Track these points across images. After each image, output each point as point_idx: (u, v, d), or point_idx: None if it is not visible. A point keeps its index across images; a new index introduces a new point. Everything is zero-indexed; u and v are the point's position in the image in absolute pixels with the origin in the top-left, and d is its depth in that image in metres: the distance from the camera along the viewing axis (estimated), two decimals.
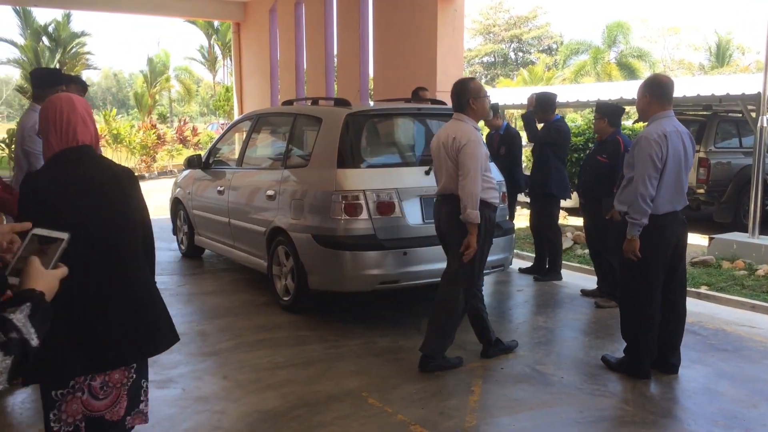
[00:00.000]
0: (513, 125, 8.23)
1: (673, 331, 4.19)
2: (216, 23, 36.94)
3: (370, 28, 9.64)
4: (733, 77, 20.12)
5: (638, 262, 4.00)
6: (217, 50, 41.64)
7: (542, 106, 6.45)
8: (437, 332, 4.24)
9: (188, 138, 23.05)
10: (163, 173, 19.85)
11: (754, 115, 10.23)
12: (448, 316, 4.24)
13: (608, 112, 5.76)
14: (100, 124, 21.20)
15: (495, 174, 5.65)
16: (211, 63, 44.22)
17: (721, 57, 38.79)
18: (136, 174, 2.87)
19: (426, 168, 5.22)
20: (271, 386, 4.02)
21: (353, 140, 5.17)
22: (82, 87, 5.08)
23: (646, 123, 4.19)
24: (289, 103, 6.53)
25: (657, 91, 4.04)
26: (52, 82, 4.43)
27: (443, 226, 4.32)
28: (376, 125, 5.64)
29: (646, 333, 4.09)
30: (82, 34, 38.78)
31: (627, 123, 12.76)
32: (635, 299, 4.13)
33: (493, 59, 49.97)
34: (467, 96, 4.20)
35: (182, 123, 25.42)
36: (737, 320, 5.50)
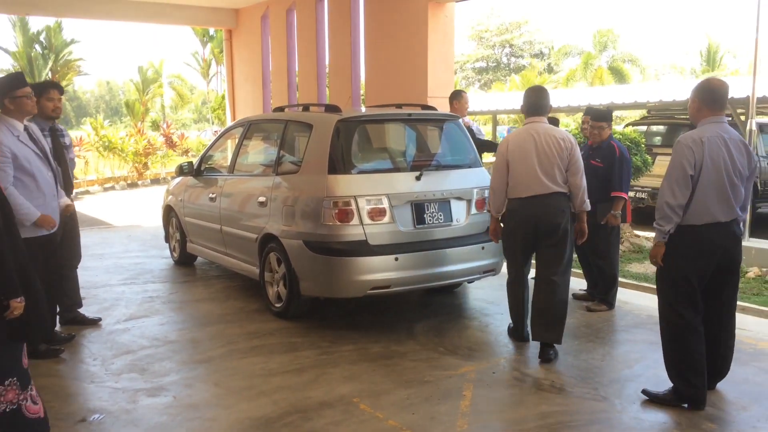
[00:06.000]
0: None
1: (719, 354, 3.96)
2: (212, 30, 36.91)
3: (362, 35, 9.67)
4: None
5: (669, 277, 3.82)
6: (210, 56, 41.63)
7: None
8: (563, 320, 4.63)
9: (176, 143, 22.87)
10: (156, 181, 19.80)
11: (743, 118, 10.31)
12: (566, 301, 4.69)
13: (608, 117, 5.94)
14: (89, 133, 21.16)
15: None
16: (204, 70, 44.18)
17: (712, 61, 39.05)
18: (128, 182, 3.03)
19: (417, 173, 5.25)
20: (263, 393, 4.02)
21: (344, 146, 5.19)
22: (58, 89, 5.05)
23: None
24: (280, 109, 6.53)
25: (707, 96, 3.75)
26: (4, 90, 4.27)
27: (558, 219, 4.58)
28: (367, 131, 5.65)
29: (692, 353, 3.79)
30: (72, 42, 38.73)
31: (618, 128, 12.82)
32: (672, 317, 3.84)
33: (485, 64, 50.14)
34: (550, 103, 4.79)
35: (167, 126, 25.14)
36: None
